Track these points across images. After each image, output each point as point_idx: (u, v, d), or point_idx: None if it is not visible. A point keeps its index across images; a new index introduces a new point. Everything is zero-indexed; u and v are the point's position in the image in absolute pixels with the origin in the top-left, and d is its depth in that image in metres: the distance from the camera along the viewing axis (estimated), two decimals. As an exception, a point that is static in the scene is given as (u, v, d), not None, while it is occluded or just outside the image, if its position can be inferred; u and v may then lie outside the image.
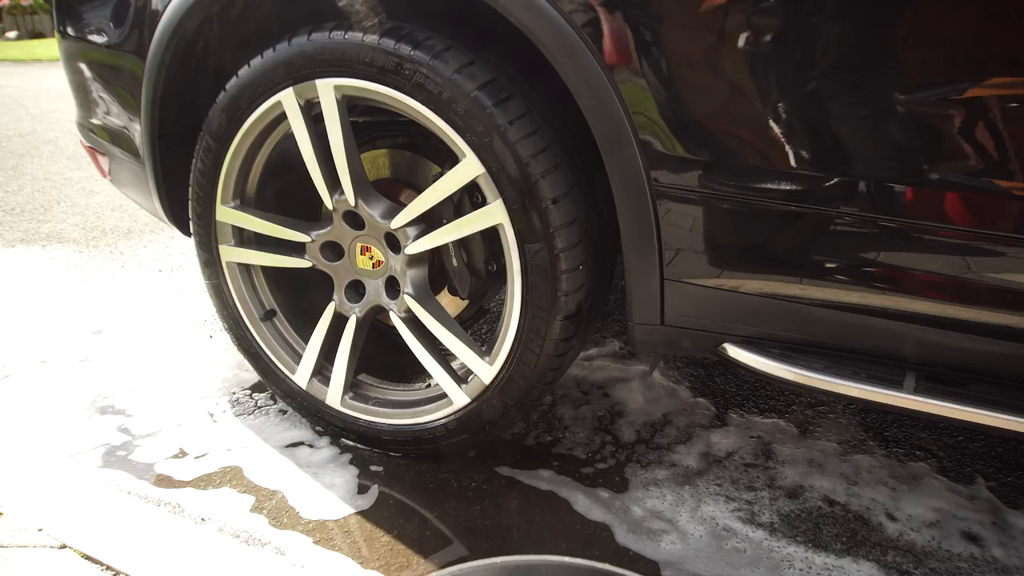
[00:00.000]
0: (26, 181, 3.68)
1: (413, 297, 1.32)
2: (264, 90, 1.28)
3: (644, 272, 1.13)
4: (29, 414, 1.65)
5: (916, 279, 1.00)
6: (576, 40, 1.03)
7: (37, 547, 1.26)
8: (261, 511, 1.34)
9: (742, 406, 1.66)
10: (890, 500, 1.36)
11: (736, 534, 1.28)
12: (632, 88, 1.03)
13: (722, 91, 1.00)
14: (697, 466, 1.45)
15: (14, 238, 2.86)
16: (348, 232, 1.35)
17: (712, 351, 1.16)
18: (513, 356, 1.26)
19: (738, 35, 0.96)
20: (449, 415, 1.36)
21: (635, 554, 1.23)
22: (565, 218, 1.14)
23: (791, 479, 1.42)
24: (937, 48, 0.90)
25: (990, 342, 0.99)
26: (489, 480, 1.42)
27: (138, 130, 1.51)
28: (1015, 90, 0.87)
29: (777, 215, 1.03)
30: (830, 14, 0.92)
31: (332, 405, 1.46)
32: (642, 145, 1.05)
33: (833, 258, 1.03)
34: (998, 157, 0.91)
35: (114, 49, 1.52)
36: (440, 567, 1.20)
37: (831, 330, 1.07)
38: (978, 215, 0.95)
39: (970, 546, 1.25)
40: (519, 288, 1.21)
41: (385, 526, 1.30)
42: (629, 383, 1.74)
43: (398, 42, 1.14)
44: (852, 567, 1.21)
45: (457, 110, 1.13)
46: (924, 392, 1.02)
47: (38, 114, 5.56)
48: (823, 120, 0.96)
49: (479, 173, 1.16)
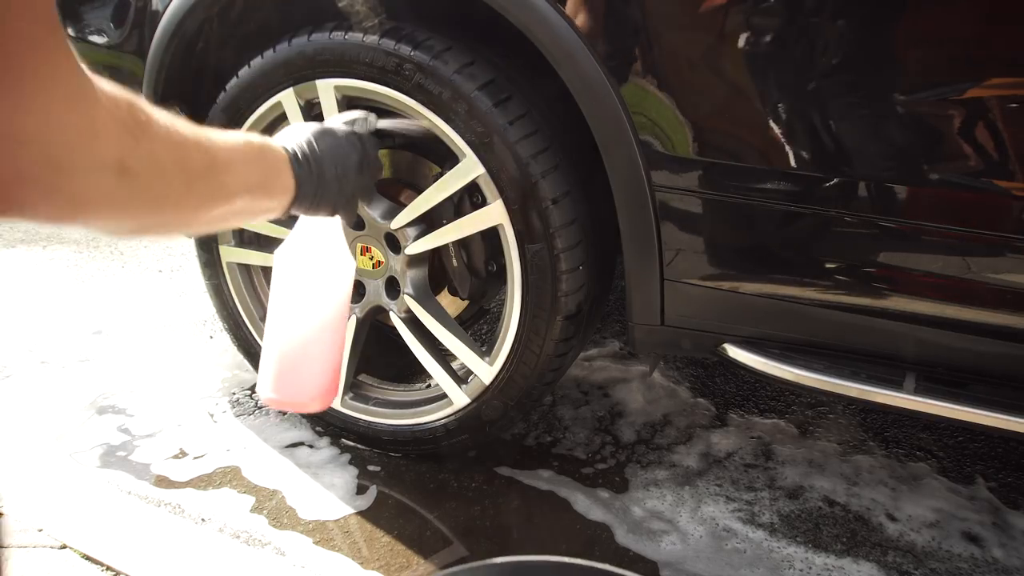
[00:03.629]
0: (26, 181, 3.68)
1: (413, 297, 1.32)
2: (264, 90, 1.28)
3: (644, 272, 1.12)
4: (29, 414, 1.65)
5: (916, 279, 1.00)
6: (576, 40, 1.03)
7: (37, 547, 1.26)
8: (261, 511, 1.34)
9: (742, 406, 1.66)
10: (890, 500, 1.36)
11: (736, 534, 1.28)
12: (632, 88, 1.03)
13: (722, 91, 1.00)
14: (697, 466, 1.45)
15: (15, 238, 2.86)
16: (348, 232, 1.35)
17: (712, 351, 1.16)
18: (513, 356, 1.25)
19: (738, 36, 0.96)
20: (449, 415, 1.36)
21: (635, 554, 1.23)
22: (565, 218, 1.14)
23: (791, 479, 1.42)
24: (936, 48, 0.90)
25: (990, 342, 0.99)
26: (489, 480, 1.42)
27: (138, 130, 1.51)
28: (1015, 90, 0.87)
29: (777, 215, 1.03)
30: (829, 15, 0.92)
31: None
32: (642, 145, 1.05)
33: (833, 258, 1.04)
34: (998, 157, 0.91)
35: (114, 49, 1.52)
36: (440, 567, 1.20)
37: (831, 330, 1.07)
38: (978, 215, 0.95)
39: (970, 546, 1.25)
40: (519, 288, 1.21)
41: (385, 526, 1.30)
42: (629, 383, 1.74)
43: (398, 43, 1.14)
44: (852, 567, 1.20)
45: (457, 110, 1.13)
46: (924, 392, 1.02)
47: (38, 114, 5.56)
48: (823, 120, 0.96)
49: (479, 173, 1.16)
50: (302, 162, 0.82)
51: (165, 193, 0.59)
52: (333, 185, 0.87)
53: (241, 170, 0.71)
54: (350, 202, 0.92)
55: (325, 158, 0.86)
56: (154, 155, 0.57)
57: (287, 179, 0.80)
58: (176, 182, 0.60)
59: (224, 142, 0.68)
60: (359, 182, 0.92)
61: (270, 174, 0.78)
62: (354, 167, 0.91)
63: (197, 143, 0.63)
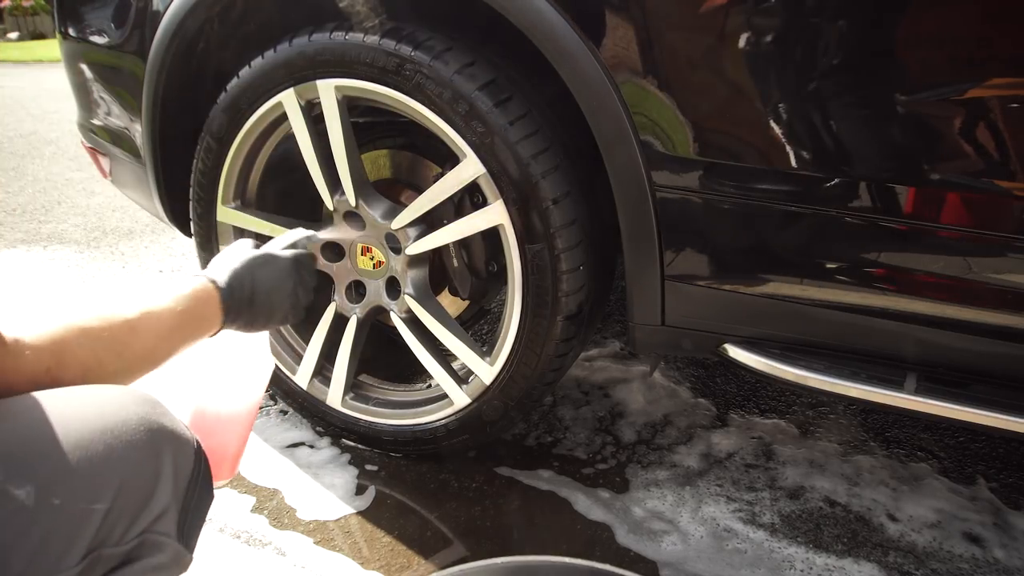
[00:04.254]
0: (27, 182, 3.68)
1: (414, 297, 1.32)
2: (265, 91, 1.28)
3: (645, 273, 1.12)
4: (30, 414, 1.65)
5: (917, 279, 1.00)
6: (576, 40, 1.03)
7: (38, 547, 1.26)
8: (262, 511, 1.34)
9: (743, 407, 1.66)
10: (891, 501, 1.36)
11: (737, 535, 1.27)
12: (633, 88, 1.03)
13: (722, 91, 1.00)
14: (698, 467, 1.45)
15: (15, 239, 2.86)
16: (349, 234, 1.35)
17: (713, 352, 1.16)
18: (514, 356, 1.25)
19: (739, 35, 0.96)
20: (450, 416, 1.36)
21: (636, 554, 1.23)
22: (566, 218, 1.14)
23: (792, 480, 1.41)
24: (936, 48, 0.90)
25: (991, 343, 0.99)
26: (490, 481, 1.42)
27: (139, 131, 1.51)
28: (1015, 90, 0.87)
29: (778, 215, 1.03)
30: (830, 14, 0.92)
31: (333, 405, 1.46)
32: (643, 145, 1.05)
33: (833, 258, 1.03)
34: (998, 157, 0.91)
35: (115, 50, 1.52)
36: (441, 568, 1.20)
37: (832, 330, 1.07)
38: (978, 215, 0.95)
39: (971, 547, 1.25)
40: (520, 288, 1.21)
41: (386, 526, 1.30)
42: (630, 384, 1.74)
43: (399, 43, 1.14)
44: (853, 568, 1.20)
45: (458, 110, 1.13)
46: (925, 393, 1.02)
47: (39, 115, 5.57)
48: (823, 120, 0.96)
49: (480, 174, 1.16)
50: (235, 294, 0.90)
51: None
52: (262, 312, 0.95)
53: (167, 344, 0.80)
54: (282, 322, 1.01)
55: (258, 288, 0.94)
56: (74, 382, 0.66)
57: (215, 316, 0.88)
58: (105, 379, 0.70)
59: (146, 328, 0.76)
60: (290, 306, 1.00)
61: (199, 324, 0.86)
62: (287, 294, 0.99)
63: (116, 359, 0.72)
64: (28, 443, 0.59)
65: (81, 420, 0.62)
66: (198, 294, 0.86)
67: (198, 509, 0.71)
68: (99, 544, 0.60)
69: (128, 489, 0.62)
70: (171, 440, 0.68)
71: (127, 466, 0.62)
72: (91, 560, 0.59)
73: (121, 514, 0.61)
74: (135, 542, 0.63)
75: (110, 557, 0.61)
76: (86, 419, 0.62)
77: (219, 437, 1.03)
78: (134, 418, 0.65)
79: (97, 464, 0.60)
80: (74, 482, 0.59)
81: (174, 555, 0.66)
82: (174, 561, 0.67)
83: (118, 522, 0.61)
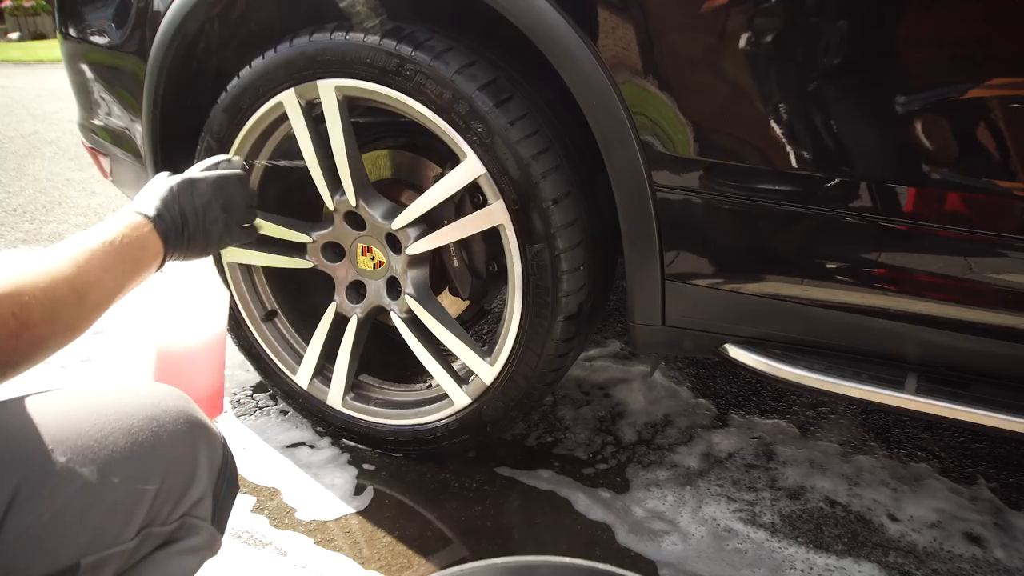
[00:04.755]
0: (28, 182, 3.68)
1: (414, 297, 1.32)
2: (265, 91, 1.28)
3: (645, 273, 1.12)
4: (30, 414, 1.65)
5: (917, 279, 1.00)
6: (577, 40, 1.04)
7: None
8: (262, 511, 1.34)
9: (743, 407, 1.66)
10: (892, 501, 1.36)
11: (737, 535, 1.27)
12: (633, 88, 1.03)
13: (723, 92, 1.00)
14: (698, 467, 1.45)
15: (16, 239, 2.86)
16: (349, 233, 1.35)
17: (713, 351, 1.16)
18: (514, 357, 1.26)
19: (739, 36, 0.96)
20: (450, 416, 1.36)
21: (636, 554, 1.23)
22: (566, 219, 1.14)
23: (792, 480, 1.41)
24: (937, 48, 0.90)
25: (991, 343, 0.99)
26: (490, 481, 1.42)
27: (139, 131, 1.51)
28: (1015, 90, 0.87)
29: (778, 216, 1.03)
30: (830, 15, 0.92)
31: (333, 405, 1.46)
32: (643, 145, 1.05)
33: (834, 258, 1.03)
34: (998, 157, 0.91)
35: (116, 50, 1.52)
36: (441, 567, 1.20)
37: (832, 331, 1.07)
38: (979, 215, 0.95)
39: (972, 547, 1.25)
40: (520, 289, 1.21)
41: (386, 526, 1.30)
42: (630, 384, 1.74)
43: (399, 43, 1.14)
44: (854, 568, 1.20)
45: (458, 111, 1.13)
46: (925, 393, 1.02)
47: (40, 115, 5.57)
48: (823, 121, 0.96)
49: (480, 174, 1.16)
50: (167, 220, 0.91)
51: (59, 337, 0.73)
52: (199, 234, 0.96)
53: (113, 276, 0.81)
54: (221, 242, 1.02)
55: (186, 210, 0.95)
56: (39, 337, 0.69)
57: (155, 246, 0.89)
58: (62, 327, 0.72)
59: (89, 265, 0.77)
60: (224, 224, 1.01)
61: (140, 255, 0.87)
62: (217, 212, 0.99)
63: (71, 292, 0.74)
64: (85, 431, 0.65)
65: (130, 409, 0.69)
66: (132, 227, 0.86)
67: (227, 498, 0.77)
68: (150, 522, 0.66)
69: (173, 473, 0.68)
70: (204, 432, 0.74)
71: (172, 453, 0.69)
72: (143, 536, 0.66)
73: (168, 496, 0.68)
74: (177, 523, 0.69)
75: (157, 535, 0.68)
76: (134, 409, 0.69)
77: (189, 373, 1.04)
78: (174, 410, 0.71)
79: (147, 449, 0.67)
80: (129, 464, 0.65)
81: (209, 538, 0.73)
82: (208, 544, 0.73)
83: (165, 503, 0.68)
